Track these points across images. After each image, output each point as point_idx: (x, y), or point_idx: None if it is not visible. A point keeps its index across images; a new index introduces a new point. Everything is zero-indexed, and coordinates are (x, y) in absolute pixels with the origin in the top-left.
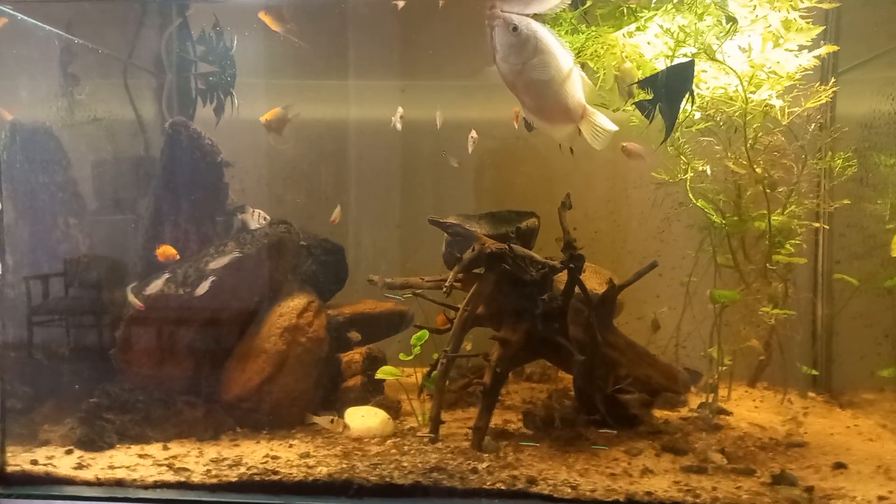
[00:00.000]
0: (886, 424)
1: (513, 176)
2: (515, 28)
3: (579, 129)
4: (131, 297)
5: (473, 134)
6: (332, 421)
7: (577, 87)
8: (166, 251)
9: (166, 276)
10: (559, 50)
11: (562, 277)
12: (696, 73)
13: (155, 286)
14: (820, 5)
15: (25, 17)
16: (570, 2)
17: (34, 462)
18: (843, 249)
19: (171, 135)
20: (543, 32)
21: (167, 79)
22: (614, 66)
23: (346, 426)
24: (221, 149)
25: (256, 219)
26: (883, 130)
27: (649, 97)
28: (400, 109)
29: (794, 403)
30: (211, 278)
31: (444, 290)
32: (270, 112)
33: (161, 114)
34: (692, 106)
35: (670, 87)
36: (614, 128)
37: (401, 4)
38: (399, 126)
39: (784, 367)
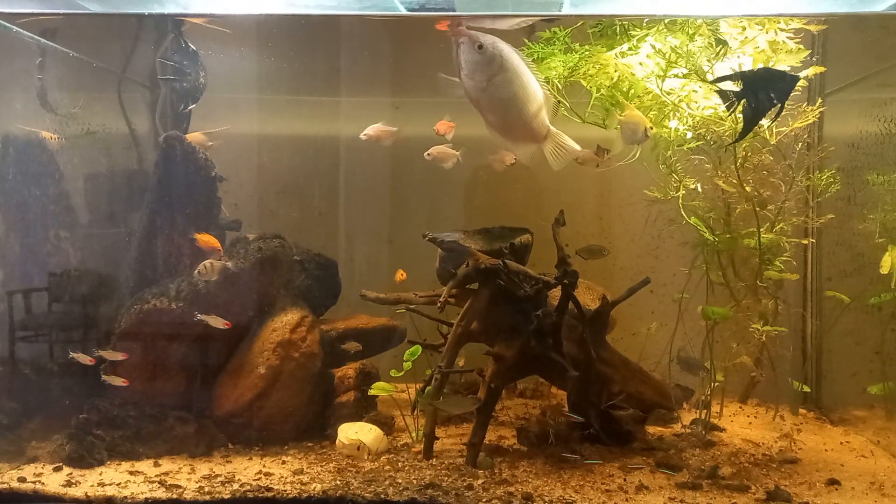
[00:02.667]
0: (879, 441)
1: (505, 192)
2: (481, 46)
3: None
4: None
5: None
6: (357, 448)
7: (541, 108)
8: (210, 241)
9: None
10: (525, 70)
11: (555, 293)
12: (687, 94)
13: None
14: (807, 27)
15: (21, 31)
16: (531, 23)
17: (22, 479)
18: (833, 267)
19: (165, 149)
20: (509, 52)
21: (161, 93)
22: (621, 116)
23: (370, 453)
24: (215, 163)
25: (210, 270)
26: (870, 151)
27: (738, 87)
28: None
29: (786, 420)
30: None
31: (439, 305)
32: (190, 135)
33: (154, 128)
34: (774, 120)
35: (765, 92)
36: (576, 147)
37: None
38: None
39: (775, 383)
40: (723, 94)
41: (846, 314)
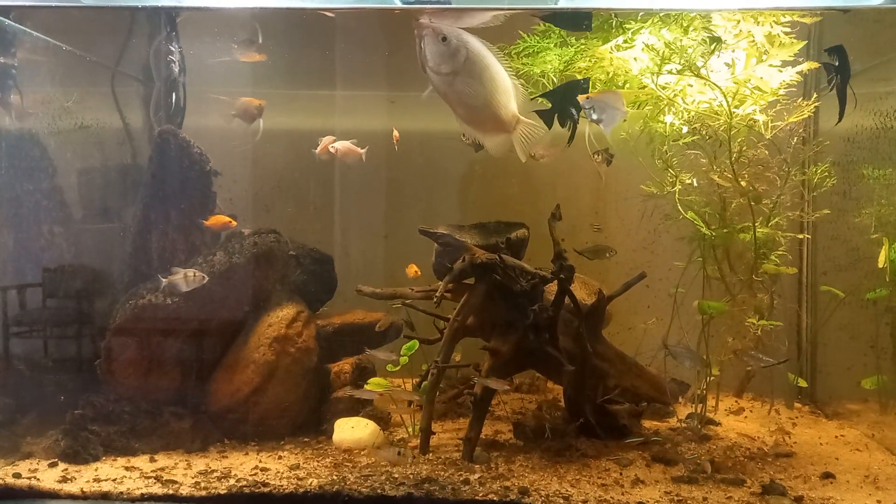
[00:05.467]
0: (873, 434)
1: (501, 187)
2: (444, 38)
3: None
4: None
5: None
6: (399, 453)
7: (509, 97)
8: (220, 219)
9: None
10: (492, 60)
11: (552, 288)
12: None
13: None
14: (802, 20)
15: (13, 23)
16: (501, 21)
17: (17, 475)
18: (828, 262)
19: (159, 143)
20: (474, 43)
21: (155, 87)
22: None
23: (414, 457)
24: (210, 158)
25: (188, 280)
26: (865, 145)
27: (834, 63)
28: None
29: (780, 414)
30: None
31: (435, 300)
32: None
33: (149, 122)
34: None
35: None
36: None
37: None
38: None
39: (770, 377)
40: (828, 68)
41: (841, 308)
